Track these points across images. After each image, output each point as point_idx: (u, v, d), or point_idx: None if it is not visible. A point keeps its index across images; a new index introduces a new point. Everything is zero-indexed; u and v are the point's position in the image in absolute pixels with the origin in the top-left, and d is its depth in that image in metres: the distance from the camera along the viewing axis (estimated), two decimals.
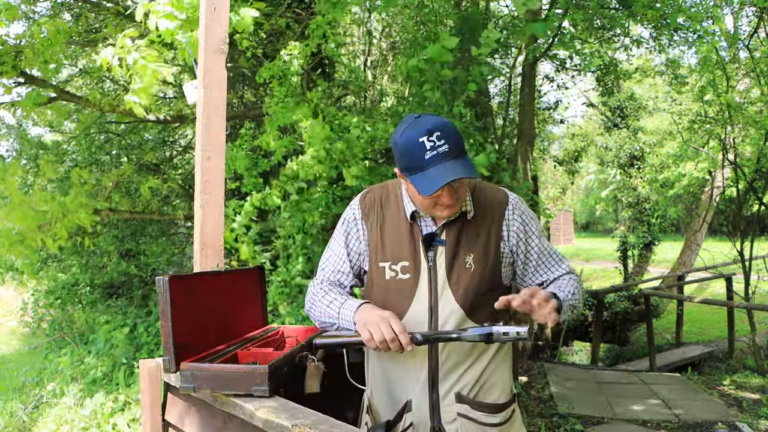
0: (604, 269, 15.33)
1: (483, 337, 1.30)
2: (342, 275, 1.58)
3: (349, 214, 1.59)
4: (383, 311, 1.35)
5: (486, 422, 1.45)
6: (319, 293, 1.55)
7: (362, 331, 1.33)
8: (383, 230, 1.51)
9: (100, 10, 6.33)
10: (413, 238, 1.47)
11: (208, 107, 2.11)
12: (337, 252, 1.58)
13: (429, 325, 1.43)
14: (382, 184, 1.61)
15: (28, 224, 4.81)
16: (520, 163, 6.99)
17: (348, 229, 1.57)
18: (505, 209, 1.50)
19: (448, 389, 1.44)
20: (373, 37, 8.73)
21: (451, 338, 1.34)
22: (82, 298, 8.66)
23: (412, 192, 1.44)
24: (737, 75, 9.68)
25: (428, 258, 1.45)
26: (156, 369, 1.81)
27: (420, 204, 1.44)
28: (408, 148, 1.34)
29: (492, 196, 1.52)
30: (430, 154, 1.30)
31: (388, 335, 1.28)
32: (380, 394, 1.54)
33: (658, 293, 8.88)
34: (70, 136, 8.78)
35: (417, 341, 1.31)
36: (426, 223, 1.48)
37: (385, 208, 1.53)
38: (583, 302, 1.49)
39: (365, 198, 1.58)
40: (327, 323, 1.52)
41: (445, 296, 1.43)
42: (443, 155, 1.30)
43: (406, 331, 1.30)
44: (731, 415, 4.77)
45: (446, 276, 1.44)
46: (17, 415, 5.47)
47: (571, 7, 5.66)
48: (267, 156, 4.62)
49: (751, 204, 8.70)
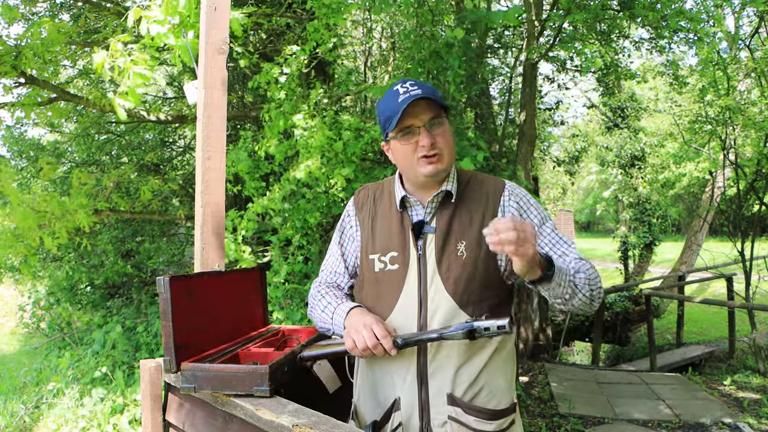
0: (604, 269, 15.32)
1: (465, 334, 1.26)
2: (338, 276, 1.57)
3: (344, 212, 1.60)
4: (368, 317, 1.34)
5: (478, 429, 1.36)
6: (316, 297, 1.55)
7: (346, 339, 1.34)
8: (374, 223, 1.50)
9: (101, 11, 6.33)
10: (403, 228, 1.44)
11: (209, 107, 2.11)
12: (333, 253, 1.59)
13: (418, 317, 1.37)
14: (378, 182, 1.60)
15: (29, 225, 4.81)
16: (521, 163, 6.99)
17: (343, 228, 1.58)
18: (501, 195, 1.45)
19: (439, 388, 1.36)
20: (373, 37, 8.73)
21: (432, 338, 1.30)
22: (82, 299, 8.66)
23: (395, 152, 1.44)
24: (738, 75, 9.68)
25: (417, 247, 1.41)
26: (156, 369, 1.81)
27: (404, 162, 1.42)
28: (385, 100, 1.41)
29: (490, 183, 1.49)
30: (403, 98, 1.35)
31: (371, 342, 1.28)
32: (367, 395, 1.49)
33: (659, 293, 8.87)
34: (70, 137, 8.79)
35: (398, 345, 1.29)
36: (416, 211, 1.46)
37: (378, 202, 1.53)
38: (593, 292, 1.32)
39: (359, 194, 1.59)
40: (324, 328, 1.52)
41: (435, 285, 1.37)
42: (415, 96, 1.34)
43: (389, 336, 1.29)
44: (732, 415, 4.77)
45: (436, 264, 1.38)
46: (18, 415, 5.47)
47: (573, 9, 5.66)
48: (268, 158, 4.61)
49: (751, 204, 8.70)
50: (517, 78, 9.17)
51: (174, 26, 2.79)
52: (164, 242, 8.89)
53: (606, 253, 18.25)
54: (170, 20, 2.77)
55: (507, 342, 1.45)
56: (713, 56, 8.17)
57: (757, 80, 8.90)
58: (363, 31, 8.82)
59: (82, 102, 5.91)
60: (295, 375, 1.54)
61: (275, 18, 5.44)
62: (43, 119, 5.94)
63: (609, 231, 23.06)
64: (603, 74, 9.64)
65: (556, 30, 6.80)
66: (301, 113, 4.10)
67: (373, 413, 1.45)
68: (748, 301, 7.89)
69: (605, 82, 11.05)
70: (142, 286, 8.36)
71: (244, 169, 4.32)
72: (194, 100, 2.22)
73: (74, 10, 7.16)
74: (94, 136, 8.44)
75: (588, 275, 1.33)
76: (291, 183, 4.21)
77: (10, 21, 4.40)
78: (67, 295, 8.53)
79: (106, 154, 8.76)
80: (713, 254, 9.57)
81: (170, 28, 2.78)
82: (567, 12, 5.82)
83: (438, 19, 5.25)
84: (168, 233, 9.08)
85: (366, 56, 8.83)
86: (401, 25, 7.73)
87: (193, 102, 2.25)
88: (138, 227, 8.54)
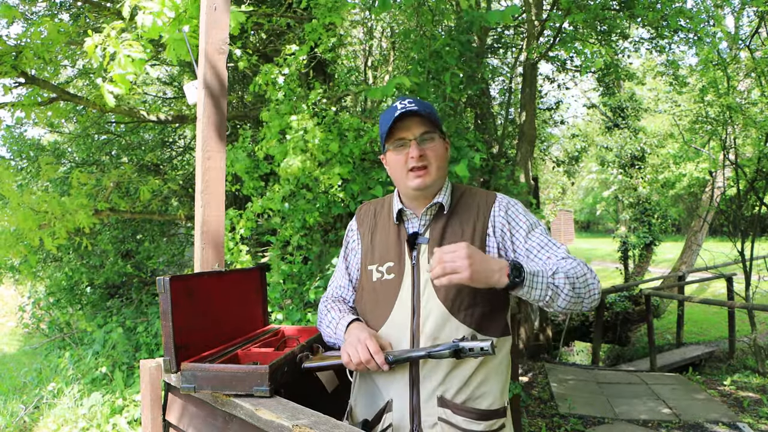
0: (604, 269, 15.32)
1: (451, 353, 1.33)
2: (343, 290, 1.66)
3: (348, 228, 1.70)
4: (363, 332, 1.42)
5: (467, 428, 1.40)
6: (323, 312, 1.64)
7: (342, 353, 1.43)
8: (374, 235, 1.59)
9: (101, 11, 6.32)
10: (399, 239, 1.52)
11: (209, 107, 2.11)
12: (339, 268, 1.70)
13: (411, 325, 1.43)
14: (381, 198, 1.70)
15: (29, 225, 4.80)
16: (521, 163, 6.99)
17: (346, 243, 1.68)
18: (492, 207, 1.52)
19: (431, 392, 1.40)
20: (373, 37, 8.74)
21: (420, 356, 1.37)
22: (82, 299, 8.66)
23: (390, 164, 1.52)
24: (738, 75, 9.68)
25: (412, 257, 1.48)
26: (156, 369, 1.81)
27: (396, 174, 1.51)
28: (384, 115, 1.51)
29: (482, 196, 1.56)
30: (399, 112, 1.45)
31: (364, 357, 1.36)
32: (362, 396, 1.54)
33: (659, 293, 8.88)
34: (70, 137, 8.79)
35: (389, 362, 1.37)
36: (412, 224, 1.54)
37: (379, 216, 1.62)
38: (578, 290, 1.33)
39: (361, 210, 1.70)
40: (331, 342, 1.61)
41: (427, 293, 1.43)
42: (408, 110, 1.44)
43: (381, 352, 1.37)
44: (732, 415, 4.77)
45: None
46: (18, 415, 5.47)
47: (573, 9, 5.66)
48: (267, 158, 4.61)
49: (752, 204, 8.70)
50: (517, 78, 9.18)
51: (170, 19, 2.78)
52: (164, 242, 8.89)
53: (606, 253, 18.25)
54: (166, 12, 2.77)
55: (502, 347, 1.48)
56: (713, 56, 8.17)
57: (757, 80, 8.90)
58: (363, 31, 8.82)
59: (82, 102, 5.90)
60: (295, 375, 1.54)
61: (275, 18, 5.44)
62: (43, 119, 5.93)
63: (609, 231, 23.08)
64: (603, 74, 9.65)
65: (556, 30, 6.80)
66: (298, 114, 4.10)
67: (366, 413, 1.50)
68: (748, 301, 7.89)
69: (605, 82, 11.06)
70: (142, 286, 8.35)
71: (242, 169, 4.31)
72: (194, 100, 2.22)
73: (74, 9, 7.16)
74: (93, 136, 8.44)
75: (571, 274, 1.33)
76: (291, 183, 4.20)
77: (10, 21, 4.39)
78: (67, 295, 8.52)
79: (106, 154, 8.75)
80: (713, 254, 9.57)
81: (166, 22, 2.77)
82: (567, 12, 5.82)
83: (438, 19, 5.25)
84: (168, 233, 9.07)
85: (366, 56, 8.84)
86: (401, 24, 7.74)
87: (193, 102, 2.26)
88: (138, 227, 8.53)
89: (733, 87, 8.80)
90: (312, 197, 4.30)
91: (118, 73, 2.90)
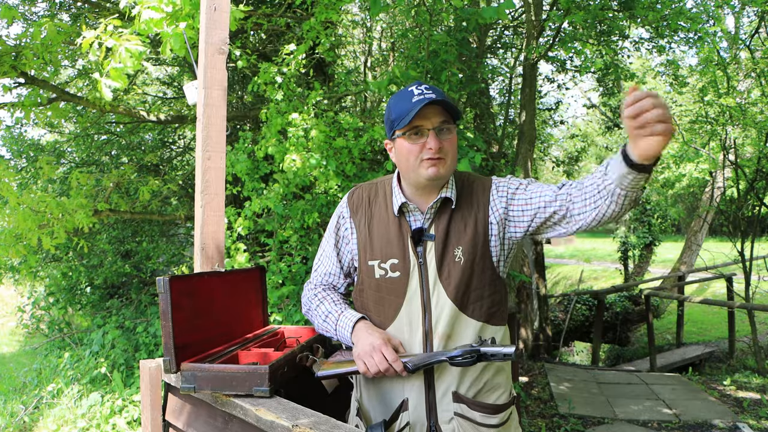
0: (604, 269, 15.33)
1: (472, 361, 1.33)
2: (333, 277, 1.59)
3: (338, 213, 1.59)
4: (375, 337, 1.38)
5: (483, 423, 1.42)
6: (314, 302, 1.57)
7: (357, 362, 1.39)
8: (371, 227, 1.50)
9: (101, 11, 6.32)
10: (402, 235, 1.46)
11: (209, 107, 2.11)
12: (328, 253, 1.60)
13: (423, 323, 1.41)
14: (371, 182, 1.59)
15: (29, 226, 4.80)
16: (521, 164, 6.98)
17: (337, 229, 1.58)
18: (489, 194, 1.48)
19: (446, 389, 1.41)
20: (373, 37, 8.73)
21: (440, 361, 1.36)
22: (82, 299, 8.65)
23: (399, 151, 1.43)
24: (738, 75, 9.68)
25: (417, 254, 1.44)
26: (156, 369, 1.80)
27: (406, 162, 1.41)
28: (397, 99, 1.42)
29: (479, 185, 1.51)
30: (417, 98, 1.36)
31: (383, 366, 1.34)
32: (373, 395, 1.51)
33: (659, 293, 8.88)
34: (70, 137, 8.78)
35: (408, 369, 1.36)
36: (414, 217, 1.47)
37: (374, 205, 1.53)
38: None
39: (353, 195, 1.58)
40: (325, 334, 1.56)
41: (437, 292, 1.41)
42: (429, 99, 1.35)
43: (398, 359, 1.35)
44: (732, 416, 4.77)
45: (437, 271, 1.42)
46: (18, 415, 5.46)
47: (572, 9, 5.67)
48: (267, 159, 4.60)
49: (752, 204, 8.70)
50: (516, 78, 9.18)
51: (168, 14, 2.77)
52: (164, 242, 8.89)
53: (606, 253, 18.24)
54: (164, 8, 2.76)
55: (505, 337, 1.51)
56: (713, 56, 8.18)
57: (757, 80, 8.90)
58: (363, 31, 8.82)
59: (82, 102, 5.90)
60: (294, 375, 1.54)
61: (275, 18, 5.44)
62: (43, 119, 5.93)
63: (609, 231, 23.06)
64: (603, 74, 9.65)
65: (556, 30, 6.80)
66: (299, 112, 4.10)
67: (381, 413, 1.48)
68: (748, 301, 7.89)
69: (605, 82, 11.06)
70: (141, 287, 8.35)
71: (242, 170, 4.31)
72: (194, 100, 2.22)
73: (73, 10, 7.16)
74: (93, 137, 8.44)
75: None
76: (291, 185, 4.19)
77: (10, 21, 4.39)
78: (67, 295, 8.52)
79: (106, 155, 8.75)
80: (713, 254, 9.58)
81: (163, 17, 2.76)
82: (566, 12, 5.82)
83: (436, 18, 5.25)
84: (167, 233, 9.08)
85: (366, 56, 8.83)
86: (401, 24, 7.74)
87: (193, 102, 2.25)
88: (137, 227, 8.54)
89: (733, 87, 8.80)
90: (311, 198, 4.30)
91: (114, 67, 2.88)
